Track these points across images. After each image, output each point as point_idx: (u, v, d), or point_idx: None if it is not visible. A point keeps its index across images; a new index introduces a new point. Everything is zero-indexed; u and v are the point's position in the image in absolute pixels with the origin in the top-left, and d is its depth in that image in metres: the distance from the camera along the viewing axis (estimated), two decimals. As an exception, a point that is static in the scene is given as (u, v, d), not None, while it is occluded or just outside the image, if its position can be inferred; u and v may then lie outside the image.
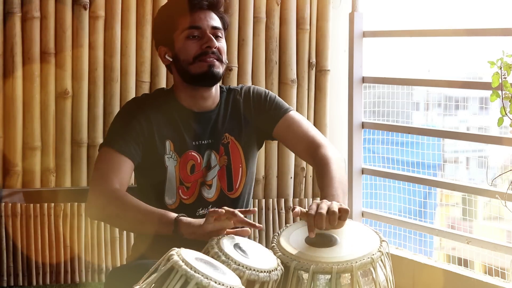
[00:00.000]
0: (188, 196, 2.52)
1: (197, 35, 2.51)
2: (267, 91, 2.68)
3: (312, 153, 2.56)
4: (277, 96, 2.68)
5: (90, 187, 2.46)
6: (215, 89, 2.60)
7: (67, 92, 3.44)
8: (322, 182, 2.44)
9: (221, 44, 2.54)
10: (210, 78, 2.51)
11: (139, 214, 2.34)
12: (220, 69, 2.52)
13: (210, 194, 2.55)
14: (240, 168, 2.59)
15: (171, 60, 2.56)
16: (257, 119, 2.63)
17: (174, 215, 2.29)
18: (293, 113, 2.65)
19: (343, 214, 2.19)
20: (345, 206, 2.23)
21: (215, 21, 2.55)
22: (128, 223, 2.41)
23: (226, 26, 2.60)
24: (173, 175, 2.52)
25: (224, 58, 2.54)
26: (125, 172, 2.45)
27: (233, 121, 2.60)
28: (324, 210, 2.18)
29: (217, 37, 2.53)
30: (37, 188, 3.41)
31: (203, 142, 2.56)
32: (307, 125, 2.63)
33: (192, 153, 2.54)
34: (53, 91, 3.44)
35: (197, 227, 2.22)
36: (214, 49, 2.50)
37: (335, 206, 2.20)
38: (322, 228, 2.18)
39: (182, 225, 2.25)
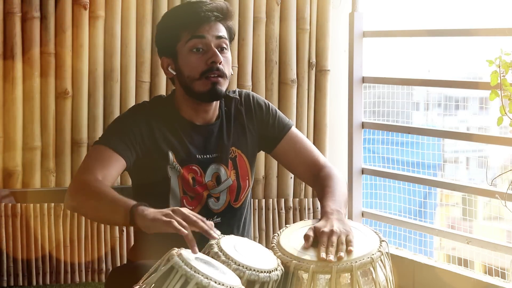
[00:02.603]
0: (193, 206, 2.50)
1: (201, 48, 2.44)
2: (267, 102, 2.63)
3: (315, 173, 2.56)
4: (277, 110, 2.65)
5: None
6: (216, 102, 2.56)
7: (67, 92, 3.44)
8: (325, 196, 2.41)
9: (226, 56, 2.47)
10: (213, 97, 2.46)
11: (101, 203, 2.23)
12: (223, 86, 2.45)
13: (217, 206, 2.52)
14: (247, 180, 2.57)
15: (174, 73, 2.48)
16: (259, 130, 2.61)
17: (131, 205, 2.16)
18: (294, 129, 2.63)
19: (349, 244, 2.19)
20: (351, 234, 2.22)
21: (221, 31, 2.47)
22: (92, 211, 2.31)
23: (232, 37, 2.54)
24: (176, 185, 2.48)
25: (229, 72, 2.48)
26: (113, 168, 2.36)
27: (238, 134, 2.57)
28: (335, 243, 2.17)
29: (222, 48, 2.46)
30: (37, 188, 3.41)
31: (206, 156, 2.51)
32: (309, 144, 2.63)
33: (193, 166, 2.50)
34: (53, 91, 3.44)
35: (150, 221, 2.10)
36: (219, 65, 2.44)
37: (343, 239, 2.19)
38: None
39: (137, 217, 2.13)
